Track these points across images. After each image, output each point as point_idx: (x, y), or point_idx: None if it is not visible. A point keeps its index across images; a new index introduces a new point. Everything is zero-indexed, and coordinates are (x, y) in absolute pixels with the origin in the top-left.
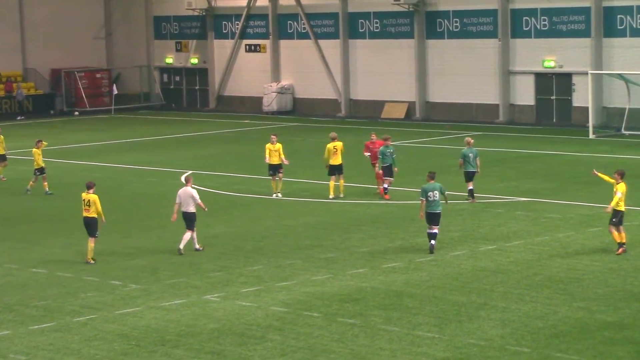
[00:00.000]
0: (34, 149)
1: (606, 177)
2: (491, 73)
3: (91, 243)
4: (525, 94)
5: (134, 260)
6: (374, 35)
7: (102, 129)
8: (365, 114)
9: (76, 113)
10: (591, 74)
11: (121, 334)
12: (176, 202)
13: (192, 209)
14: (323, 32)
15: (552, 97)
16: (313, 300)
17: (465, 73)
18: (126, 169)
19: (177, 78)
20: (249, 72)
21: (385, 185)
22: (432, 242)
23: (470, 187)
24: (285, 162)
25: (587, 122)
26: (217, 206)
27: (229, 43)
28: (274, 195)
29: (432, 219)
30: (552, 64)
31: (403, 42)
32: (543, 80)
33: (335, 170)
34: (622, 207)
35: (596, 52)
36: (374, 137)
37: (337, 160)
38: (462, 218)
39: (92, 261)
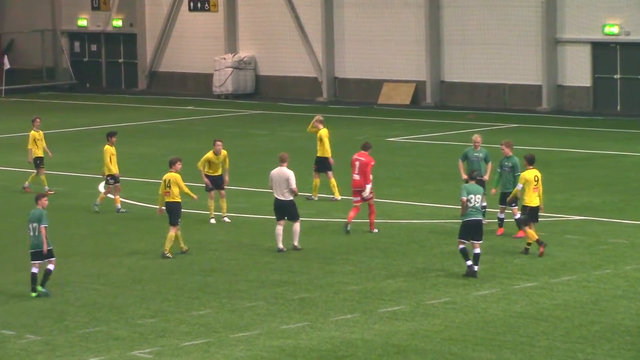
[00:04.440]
0: (107, 146)
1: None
2: (531, 43)
3: (177, 232)
4: (578, 71)
5: (33, 301)
6: None
7: None
8: (356, 98)
9: None
10: None
11: None
12: (270, 186)
13: (289, 195)
14: None
15: (615, 77)
16: (283, 357)
17: (495, 42)
18: (22, 174)
19: (94, 47)
20: (193, 40)
21: (501, 216)
22: (475, 267)
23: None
24: (226, 178)
25: None
26: (149, 226)
27: None
28: (214, 219)
29: (471, 231)
30: (616, 30)
31: None
32: (603, 52)
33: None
34: (529, 202)
35: None
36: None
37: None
38: (490, 244)
39: (186, 249)
